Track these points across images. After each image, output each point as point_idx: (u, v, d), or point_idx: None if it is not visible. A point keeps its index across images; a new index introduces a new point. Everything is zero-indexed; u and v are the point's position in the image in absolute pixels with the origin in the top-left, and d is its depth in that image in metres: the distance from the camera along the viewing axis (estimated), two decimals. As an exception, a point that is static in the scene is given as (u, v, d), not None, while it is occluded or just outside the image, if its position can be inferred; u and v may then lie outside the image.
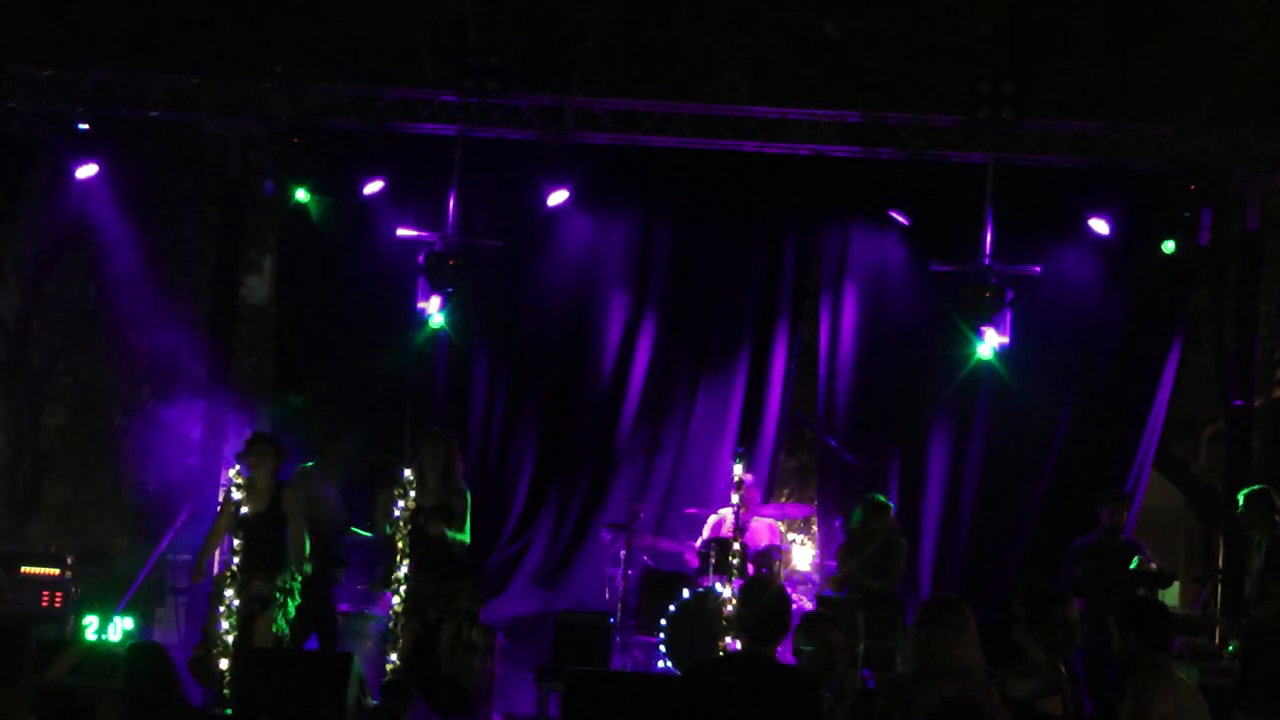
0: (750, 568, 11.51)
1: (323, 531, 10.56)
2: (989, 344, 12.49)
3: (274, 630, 10.01)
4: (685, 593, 11.59)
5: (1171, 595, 14.13)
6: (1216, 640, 11.63)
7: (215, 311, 13.44)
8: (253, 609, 9.96)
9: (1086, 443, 12.98)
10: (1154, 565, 11.19)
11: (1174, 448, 16.35)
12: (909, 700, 5.70)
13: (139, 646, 6.91)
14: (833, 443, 13.09)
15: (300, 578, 10.20)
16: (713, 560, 11.70)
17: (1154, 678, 6.29)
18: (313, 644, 10.67)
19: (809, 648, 6.19)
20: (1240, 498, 10.45)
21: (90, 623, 11.79)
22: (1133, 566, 11.06)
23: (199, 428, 13.21)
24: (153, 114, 13.03)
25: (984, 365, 12.77)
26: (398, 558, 9.98)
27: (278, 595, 10.07)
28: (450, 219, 12.86)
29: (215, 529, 10.40)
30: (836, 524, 12.71)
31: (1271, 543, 10.09)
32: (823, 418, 13.34)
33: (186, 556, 12.95)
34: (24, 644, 6.68)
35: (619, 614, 11.89)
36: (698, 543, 12.20)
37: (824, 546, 13.06)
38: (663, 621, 11.50)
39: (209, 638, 9.93)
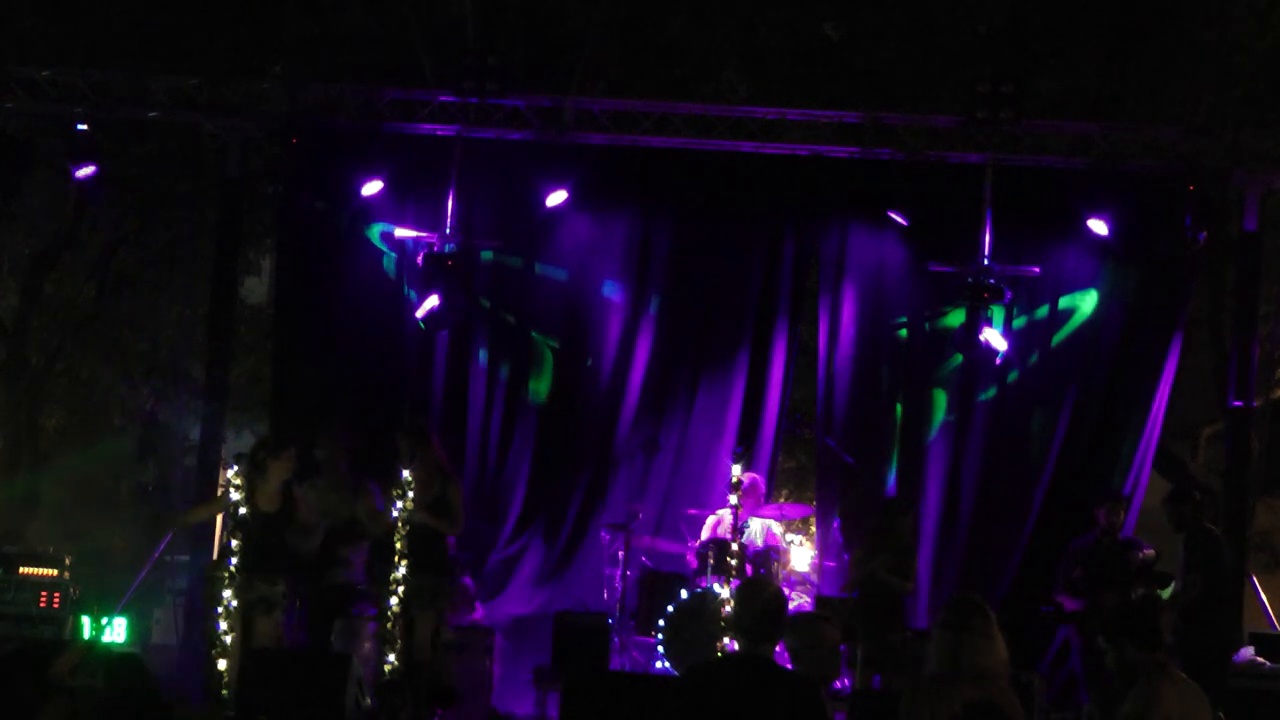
0: (749, 568, 11.51)
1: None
2: (988, 345, 12.47)
3: (275, 633, 10.02)
4: (684, 593, 11.59)
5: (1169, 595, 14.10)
6: None
7: (214, 312, 13.44)
8: (256, 611, 9.96)
9: (1085, 443, 12.95)
10: (1150, 551, 11.21)
11: (1173, 448, 16.32)
12: (931, 704, 5.65)
13: (117, 660, 6.87)
14: (831, 443, 13.08)
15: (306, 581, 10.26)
16: (711, 561, 11.70)
17: (1157, 678, 6.21)
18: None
19: (802, 647, 6.15)
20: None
21: (88, 624, 11.78)
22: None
23: (198, 428, 13.21)
24: (152, 114, 13.04)
25: (983, 366, 12.75)
26: (395, 558, 9.98)
27: (282, 598, 10.08)
28: (449, 219, 12.85)
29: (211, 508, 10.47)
30: (835, 525, 12.70)
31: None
32: (821, 418, 13.33)
33: (185, 557, 12.98)
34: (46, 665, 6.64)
35: (617, 615, 11.90)
36: (696, 543, 12.20)
37: (822, 547, 13.05)
38: (661, 622, 11.50)
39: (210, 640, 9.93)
